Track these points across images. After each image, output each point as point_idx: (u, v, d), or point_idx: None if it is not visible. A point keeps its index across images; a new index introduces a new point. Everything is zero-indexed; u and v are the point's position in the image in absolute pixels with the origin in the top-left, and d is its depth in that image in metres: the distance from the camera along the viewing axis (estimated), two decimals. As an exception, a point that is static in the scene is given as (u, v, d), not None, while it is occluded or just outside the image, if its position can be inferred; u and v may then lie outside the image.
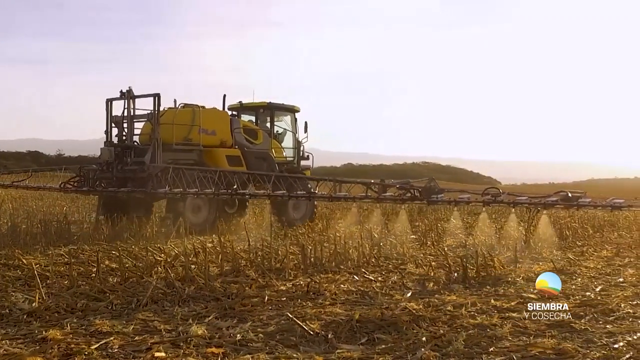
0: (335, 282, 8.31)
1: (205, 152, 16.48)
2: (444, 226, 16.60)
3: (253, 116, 19.72)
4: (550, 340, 5.43)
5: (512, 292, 7.82)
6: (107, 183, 15.72)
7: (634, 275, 9.26)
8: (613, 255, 11.65)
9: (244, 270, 9.01)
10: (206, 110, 17.00)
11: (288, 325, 5.85)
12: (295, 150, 20.06)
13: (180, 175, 13.96)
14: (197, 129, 16.27)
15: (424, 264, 9.76)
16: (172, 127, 15.72)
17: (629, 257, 11.31)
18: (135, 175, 15.04)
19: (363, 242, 10.57)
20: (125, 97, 15.48)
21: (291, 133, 20.14)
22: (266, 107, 19.54)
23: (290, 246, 10.79)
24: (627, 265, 10.40)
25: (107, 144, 15.86)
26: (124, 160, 15.47)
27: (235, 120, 17.97)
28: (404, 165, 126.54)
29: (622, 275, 9.31)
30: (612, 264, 10.53)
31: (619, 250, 12.30)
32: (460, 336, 5.49)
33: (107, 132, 15.92)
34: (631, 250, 12.13)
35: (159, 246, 11.05)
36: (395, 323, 5.94)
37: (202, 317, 6.26)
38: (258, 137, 18.37)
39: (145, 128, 16.13)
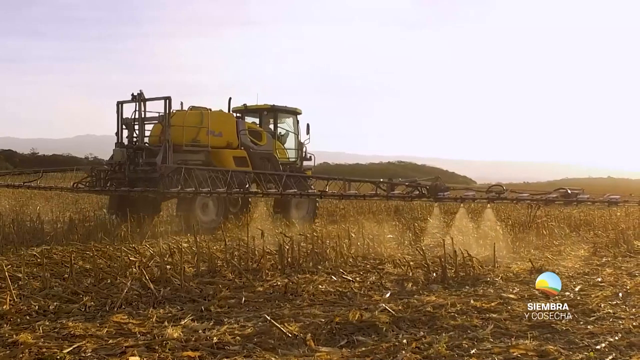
0: (313, 283, 8.21)
1: (212, 153, 16.97)
2: (421, 225, 16.56)
3: (256, 118, 20.23)
4: (532, 341, 5.37)
5: (492, 292, 7.77)
6: (118, 183, 16.03)
7: (612, 275, 9.23)
8: (590, 254, 11.61)
9: (221, 270, 8.90)
10: (213, 113, 17.51)
11: (266, 328, 5.73)
12: (298, 151, 20.59)
13: (192, 176, 14.54)
14: (205, 130, 16.77)
15: (402, 263, 9.66)
16: (182, 129, 16.16)
17: (606, 257, 11.28)
18: (147, 175, 15.42)
19: (341, 241, 10.47)
20: (136, 100, 15.87)
21: (293, 134, 20.66)
22: (269, 110, 20.11)
23: (267, 246, 10.66)
24: (604, 264, 10.36)
25: (118, 145, 16.20)
26: (136, 161, 15.80)
27: (240, 122, 18.45)
28: (379, 165, 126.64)
29: (600, 275, 9.28)
30: (589, 263, 10.50)
31: (596, 249, 12.28)
32: (441, 338, 5.41)
33: (118, 134, 16.30)
34: (608, 250, 12.10)
35: (134, 246, 10.90)
36: (375, 325, 5.85)
37: (178, 320, 6.13)
38: (262, 138, 18.91)
39: (154, 130, 16.57)
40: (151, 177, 15.27)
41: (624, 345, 5.37)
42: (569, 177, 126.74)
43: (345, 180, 13.50)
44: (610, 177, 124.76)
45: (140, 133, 16.13)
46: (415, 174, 29.51)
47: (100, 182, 16.45)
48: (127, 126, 16.25)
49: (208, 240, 11.74)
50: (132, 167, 15.79)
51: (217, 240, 11.88)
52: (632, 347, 5.35)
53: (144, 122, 16.13)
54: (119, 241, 11.80)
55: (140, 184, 15.31)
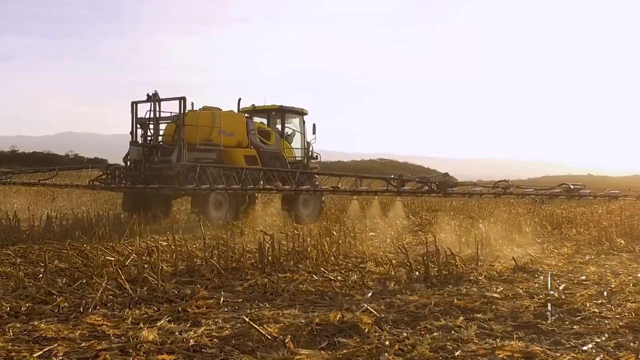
0: (293, 282, 8.05)
1: (224, 152, 17.70)
2: (403, 223, 16.48)
3: (264, 118, 21.04)
4: (517, 342, 5.23)
5: (475, 291, 7.64)
6: (133, 181, 16.58)
7: (596, 273, 9.14)
8: (573, 252, 11.57)
9: (200, 270, 8.73)
10: (225, 113, 18.20)
11: (244, 329, 5.53)
12: (305, 151, 21.37)
13: (207, 173, 15.09)
14: (217, 130, 17.48)
15: (384, 262, 9.54)
16: (196, 129, 16.84)
17: (589, 255, 11.23)
18: (162, 173, 16.10)
19: (322, 239, 10.33)
20: (151, 100, 16.60)
21: (300, 134, 21.50)
22: (277, 110, 20.97)
23: (248, 244, 10.50)
24: (588, 262, 10.30)
25: (132, 144, 16.85)
26: (151, 159, 16.51)
27: (250, 122, 19.22)
28: (361, 162, 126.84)
29: (584, 273, 9.19)
30: (573, 261, 10.43)
31: (579, 247, 12.25)
32: (424, 339, 5.25)
33: (133, 133, 16.98)
34: (591, 248, 12.06)
35: (112, 245, 10.72)
36: (357, 326, 5.68)
37: (154, 321, 5.92)
38: (271, 138, 19.76)
39: (168, 129, 17.18)
40: (167, 175, 15.88)
41: (612, 346, 5.24)
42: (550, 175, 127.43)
43: (357, 177, 13.84)
44: (590, 175, 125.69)
45: (155, 132, 16.85)
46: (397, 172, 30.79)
47: (115, 180, 17.09)
48: (141, 125, 16.88)
49: (187, 239, 11.57)
50: (148, 165, 16.46)
51: (197, 238, 11.70)
52: (619, 347, 5.22)
53: (158, 122, 16.82)
54: (97, 240, 11.60)
55: (155, 182, 15.90)
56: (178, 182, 15.48)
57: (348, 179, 15.01)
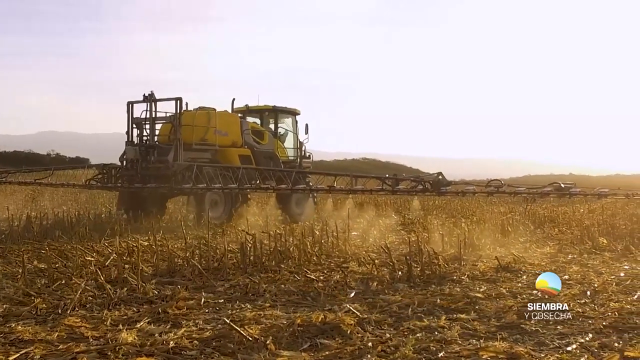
0: (275, 282, 7.99)
1: (219, 152, 17.89)
2: (385, 223, 16.43)
3: (257, 118, 21.17)
4: (501, 343, 5.19)
5: (459, 291, 7.60)
6: (130, 180, 16.59)
7: (579, 273, 9.13)
8: (556, 252, 11.56)
9: (180, 270, 8.63)
10: (220, 113, 18.32)
11: (225, 331, 5.44)
12: (297, 150, 21.68)
13: (204, 173, 15.26)
14: (212, 130, 17.66)
15: (366, 262, 9.47)
16: (192, 129, 16.95)
17: (572, 254, 11.22)
18: (159, 172, 16.17)
19: (304, 239, 10.26)
20: (147, 101, 16.56)
21: (293, 134, 21.74)
22: (271, 110, 21.15)
23: (229, 244, 10.42)
24: (571, 262, 10.28)
25: (129, 144, 16.84)
26: (148, 158, 16.53)
27: (244, 122, 19.45)
28: (344, 162, 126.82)
29: (567, 272, 9.18)
30: (555, 260, 10.42)
31: (562, 246, 12.25)
32: (408, 340, 5.20)
33: (129, 133, 16.97)
34: (573, 247, 12.06)
35: (92, 245, 10.60)
36: (339, 327, 5.61)
37: (134, 322, 5.83)
38: (264, 137, 20.00)
39: (163, 129, 17.23)
40: (163, 174, 15.97)
41: (596, 347, 5.21)
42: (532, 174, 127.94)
43: (353, 176, 14.01)
44: (571, 174, 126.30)
45: (151, 132, 16.83)
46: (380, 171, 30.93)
47: (112, 180, 17.12)
48: (137, 125, 16.91)
49: (168, 239, 11.48)
50: (145, 165, 16.50)
51: (178, 238, 11.60)
52: (604, 348, 5.19)
53: (154, 122, 16.81)
54: (78, 240, 11.47)
55: (152, 181, 16.01)
56: (175, 182, 15.60)
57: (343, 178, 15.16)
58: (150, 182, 16.02)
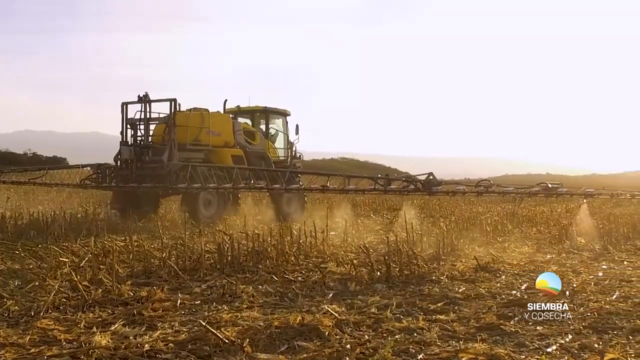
0: (253, 283, 7.90)
1: (212, 152, 18.12)
2: (364, 222, 16.39)
3: (248, 119, 21.42)
4: (481, 344, 5.14)
5: (437, 292, 7.55)
6: (124, 180, 16.79)
7: (558, 272, 9.05)
8: (534, 251, 11.57)
9: (157, 271, 8.51)
10: (213, 114, 18.57)
11: (201, 333, 5.33)
12: (287, 151, 21.97)
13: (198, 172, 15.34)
14: (206, 130, 17.91)
15: (345, 262, 9.42)
16: (186, 129, 17.17)
17: (550, 253, 11.23)
18: (154, 172, 16.32)
19: (282, 239, 10.18)
20: (142, 101, 16.83)
21: (283, 134, 22.06)
22: (262, 111, 21.44)
23: (206, 244, 10.32)
24: (549, 262, 10.27)
25: (123, 144, 17.03)
26: (143, 158, 16.84)
27: (236, 123, 19.72)
28: (322, 161, 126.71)
29: (546, 272, 9.15)
30: (534, 260, 10.39)
31: (540, 246, 12.26)
32: (387, 342, 5.14)
33: (123, 133, 17.15)
34: (552, 246, 12.08)
35: (67, 245, 10.45)
36: (317, 328, 5.53)
37: (108, 325, 5.72)
38: (255, 138, 20.23)
39: (157, 129, 17.49)
40: (158, 174, 16.10)
41: (576, 348, 5.17)
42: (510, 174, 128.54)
43: (345, 177, 14.18)
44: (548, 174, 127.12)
45: (146, 132, 17.09)
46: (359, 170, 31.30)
47: (106, 179, 17.31)
48: (131, 126, 17.11)
49: (145, 239, 11.36)
50: (140, 165, 16.77)
51: (155, 238, 11.48)
52: (584, 349, 5.15)
53: (149, 122, 17.06)
54: (53, 240, 11.33)
55: (147, 181, 16.17)
56: (170, 181, 15.76)
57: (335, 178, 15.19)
58: (145, 181, 16.18)
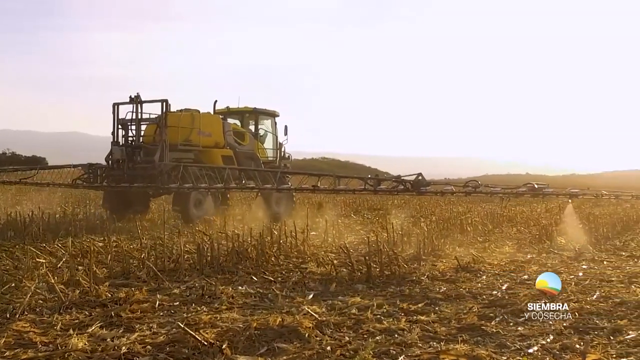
0: (232, 284, 7.83)
1: (203, 152, 18.20)
2: (344, 222, 16.36)
3: (237, 120, 21.49)
4: (462, 345, 5.10)
5: (418, 292, 7.52)
6: (114, 180, 16.84)
7: (538, 272, 9.07)
8: (515, 251, 11.59)
9: (135, 272, 8.41)
10: (203, 115, 18.66)
11: (180, 335, 5.26)
12: (276, 151, 22.13)
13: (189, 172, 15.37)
14: (196, 131, 17.95)
15: (325, 262, 9.37)
16: (177, 130, 17.18)
17: (531, 253, 11.25)
18: (146, 172, 16.37)
19: (262, 239, 10.12)
20: (133, 102, 16.86)
21: (272, 135, 22.17)
22: (251, 112, 21.61)
23: (186, 244, 10.23)
24: (530, 261, 10.28)
25: (114, 144, 17.07)
26: (134, 159, 16.87)
27: (226, 124, 19.71)
28: (303, 161, 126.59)
29: (527, 272, 9.17)
30: (515, 260, 10.39)
31: (520, 245, 12.28)
32: (367, 344, 5.09)
33: (114, 134, 17.23)
34: (532, 246, 12.11)
35: (45, 246, 10.33)
36: (297, 330, 5.48)
37: (85, 327, 5.62)
38: (245, 138, 20.44)
39: (148, 130, 17.50)
40: (150, 174, 16.15)
41: (557, 349, 5.15)
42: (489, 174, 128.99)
43: (336, 177, 14.22)
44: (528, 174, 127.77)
45: (137, 132, 17.11)
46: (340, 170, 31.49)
47: (98, 179, 17.32)
48: (123, 126, 17.14)
49: (124, 239, 11.26)
50: (131, 165, 16.78)
51: (134, 239, 11.37)
52: (565, 349, 5.13)
53: (140, 123, 17.10)
54: (30, 240, 11.21)
55: (138, 181, 16.22)
56: (161, 181, 15.83)
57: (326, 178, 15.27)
58: (137, 181, 16.25)
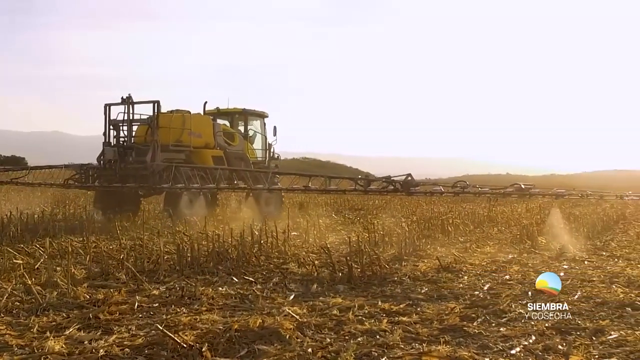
0: (212, 285, 7.74)
1: (193, 153, 18.34)
2: (326, 222, 16.30)
3: (227, 121, 21.68)
4: (444, 347, 5.06)
5: (400, 293, 7.49)
6: (106, 180, 17.00)
7: (519, 272, 9.11)
8: (496, 251, 11.57)
9: (114, 272, 8.30)
10: (194, 115, 18.90)
11: (159, 337, 5.17)
12: (265, 152, 22.36)
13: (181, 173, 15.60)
14: (187, 132, 18.13)
15: (306, 263, 9.31)
16: (168, 130, 17.32)
17: (512, 253, 11.22)
18: (138, 172, 16.57)
19: (243, 240, 10.04)
20: (125, 103, 16.95)
21: (261, 136, 22.42)
22: (240, 113, 21.89)
23: (166, 245, 10.13)
24: (511, 261, 10.26)
25: (106, 145, 17.19)
26: (126, 159, 16.98)
27: (216, 125, 19.88)
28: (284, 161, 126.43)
29: (508, 272, 9.15)
30: (496, 260, 10.37)
31: (501, 246, 12.27)
32: (349, 346, 5.04)
33: (106, 134, 17.32)
34: (513, 246, 12.09)
35: (22, 246, 10.20)
36: (278, 331, 5.41)
37: (62, 329, 5.52)
38: (234, 139, 20.66)
39: (139, 130, 17.63)
40: (142, 174, 16.38)
41: (540, 349, 5.12)
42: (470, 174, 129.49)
43: (327, 177, 14.43)
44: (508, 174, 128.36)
45: (129, 133, 17.24)
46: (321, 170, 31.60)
47: (89, 179, 17.48)
48: (114, 127, 17.25)
49: (103, 240, 11.15)
50: (123, 165, 16.88)
51: (113, 239, 11.26)
52: (548, 350, 5.10)
53: (131, 124, 17.22)
54: (8, 241, 11.07)
55: (130, 181, 16.43)
56: (153, 181, 16.05)
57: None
58: (129, 181, 16.41)
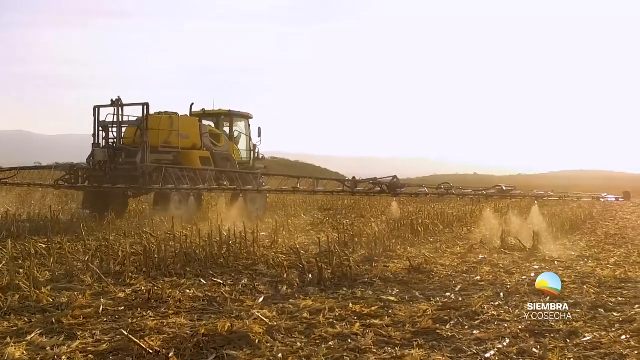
0: (180, 287, 7.59)
1: (181, 154, 18.51)
2: (295, 223, 16.17)
3: (212, 122, 21.78)
4: (418, 351, 4.96)
5: (371, 294, 7.37)
6: (96, 181, 17.08)
7: (491, 273, 9.05)
8: (466, 251, 11.49)
9: (79, 275, 8.08)
10: (182, 117, 19.00)
11: (124, 343, 5.02)
12: (250, 152, 22.54)
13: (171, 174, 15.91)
14: (175, 133, 18.23)
15: (275, 264, 9.16)
16: (157, 132, 17.43)
17: (482, 254, 11.16)
18: (128, 173, 16.71)
19: (211, 241, 9.87)
20: (115, 105, 17.09)
21: (246, 137, 22.53)
22: (226, 114, 22.04)
23: (132, 246, 9.92)
24: (482, 262, 10.19)
25: (95, 146, 17.30)
26: (116, 160, 17.10)
27: (203, 126, 20.11)
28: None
29: (479, 273, 9.08)
30: (466, 260, 10.32)
31: (471, 246, 12.19)
32: (320, 350, 4.91)
33: (95, 136, 17.40)
34: (483, 247, 12.02)
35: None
36: (247, 336, 5.27)
37: (24, 334, 5.36)
38: (220, 140, 20.72)
39: (128, 132, 17.69)
40: (132, 175, 16.56)
41: (514, 353, 5.04)
42: (438, 174, 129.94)
43: (315, 179, 14.68)
44: (475, 174, 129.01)
45: (118, 135, 17.36)
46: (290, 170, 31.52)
47: (79, 180, 17.57)
48: (104, 129, 17.34)
49: (68, 241, 10.92)
50: (113, 166, 17.00)
51: (79, 240, 11.02)
52: (522, 354, 5.03)
53: (121, 125, 17.35)
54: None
55: (120, 182, 16.62)
56: (143, 182, 16.24)
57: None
58: (119, 182, 16.58)
